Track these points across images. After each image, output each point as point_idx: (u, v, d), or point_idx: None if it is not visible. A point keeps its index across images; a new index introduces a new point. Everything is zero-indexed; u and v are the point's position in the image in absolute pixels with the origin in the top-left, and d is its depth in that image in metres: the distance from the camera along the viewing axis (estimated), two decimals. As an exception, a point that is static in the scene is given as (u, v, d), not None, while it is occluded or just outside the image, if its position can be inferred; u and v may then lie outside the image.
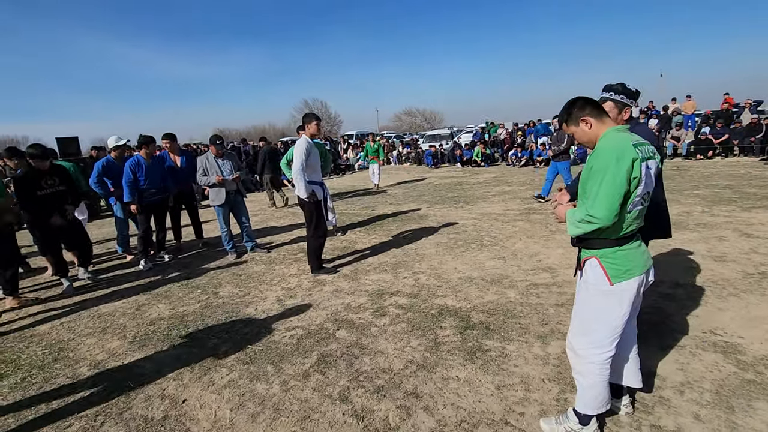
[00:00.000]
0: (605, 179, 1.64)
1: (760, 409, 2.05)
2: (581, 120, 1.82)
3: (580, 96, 1.89)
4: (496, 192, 9.28)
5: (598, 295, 1.81)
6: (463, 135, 21.19)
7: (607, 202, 1.63)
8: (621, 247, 1.76)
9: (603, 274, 1.78)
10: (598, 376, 1.85)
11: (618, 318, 1.80)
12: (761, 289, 3.36)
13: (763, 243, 4.42)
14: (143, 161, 5.17)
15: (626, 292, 1.77)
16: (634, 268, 1.76)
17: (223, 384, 2.62)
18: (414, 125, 62.21)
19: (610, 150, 1.66)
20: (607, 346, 1.84)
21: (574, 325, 1.96)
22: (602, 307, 1.82)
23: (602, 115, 1.82)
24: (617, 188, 1.62)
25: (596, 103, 1.85)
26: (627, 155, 1.63)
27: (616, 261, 1.76)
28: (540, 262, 4.42)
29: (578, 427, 1.93)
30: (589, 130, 1.81)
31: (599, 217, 1.65)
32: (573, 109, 1.86)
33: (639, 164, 1.64)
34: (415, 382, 2.49)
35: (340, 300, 3.81)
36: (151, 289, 4.49)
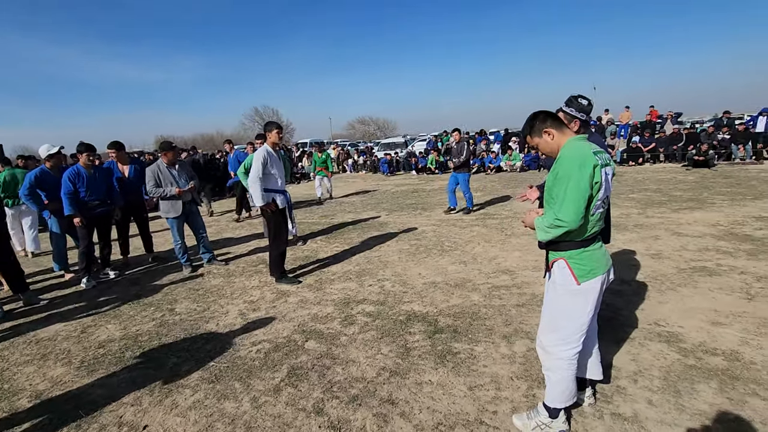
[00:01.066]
0: (570, 185, 1.76)
1: (702, 391, 2.27)
2: (544, 132, 1.95)
3: (540, 110, 2.02)
4: (451, 198, 9.54)
5: (566, 294, 1.93)
6: (416, 143, 21.64)
7: (574, 206, 1.75)
8: (586, 249, 1.89)
9: (570, 275, 1.90)
10: (567, 371, 1.97)
11: (585, 315, 1.93)
12: (693, 282, 3.72)
13: (692, 241, 4.90)
14: (84, 171, 4.79)
15: (591, 290, 1.90)
16: (597, 268, 1.90)
17: (188, 405, 2.48)
18: (367, 133, 62.60)
19: (572, 158, 1.79)
20: (574, 342, 1.96)
21: (543, 323, 2.06)
22: (570, 305, 1.93)
23: (563, 126, 1.95)
24: (582, 193, 1.75)
25: (556, 116, 1.99)
26: (588, 162, 1.77)
27: (582, 261, 1.89)
28: (499, 265, 4.61)
29: (548, 420, 2.03)
30: (552, 140, 1.94)
31: (567, 221, 1.77)
32: (535, 122, 1.98)
33: (599, 170, 1.78)
34: (390, 389, 2.50)
35: (306, 311, 3.74)
36: (96, 309, 4.15)
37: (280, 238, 4.47)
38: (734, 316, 3.07)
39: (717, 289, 3.55)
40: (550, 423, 2.03)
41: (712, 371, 2.43)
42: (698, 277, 3.83)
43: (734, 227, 5.35)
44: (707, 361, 2.53)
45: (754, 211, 6.13)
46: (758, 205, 6.45)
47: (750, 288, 3.51)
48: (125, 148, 5.79)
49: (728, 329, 2.88)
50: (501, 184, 11.46)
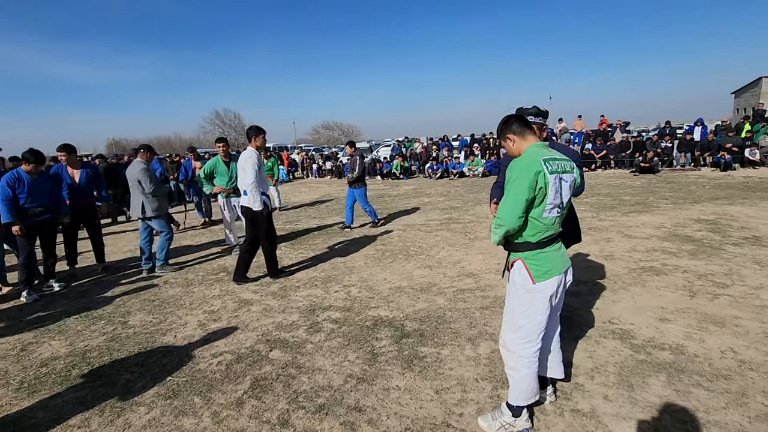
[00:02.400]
0: (512, 188, 1.88)
1: (653, 384, 2.40)
2: (506, 137, 2.03)
3: (511, 114, 2.09)
4: (416, 203, 9.66)
5: (524, 293, 2.00)
6: (381, 149, 21.74)
7: (511, 208, 1.88)
8: (542, 250, 1.97)
9: (527, 275, 1.97)
10: (528, 369, 2.02)
11: (541, 313, 2.00)
12: (642, 282, 3.95)
13: (640, 242, 5.22)
14: (25, 176, 4.45)
15: (547, 289, 1.97)
16: (553, 269, 1.97)
17: (143, 425, 2.34)
18: (332, 138, 62.33)
19: (519, 163, 1.90)
20: (534, 339, 2.02)
21: (504, 323, 2.12)
22: (528, 304, 2.00)
23: (525, 133, 2.01)
24: (520, 196, 1.85)
25: (522, 122, 2.04)
26: (532, 168, 1.85)
27: (538, 262, 1.97)
28: (463, 268, 4.70)
29: (512, 419, 2.08)
30: (513, 146, 2.02)
31: (504, 221, 1.90)
32: (502, 126, 2.07)
33: (544, 176, 1.85)
34: (357, 396, 2.47)
35: (270, 319, 3.65)
36: (39, 324, 3.84)
37: (272, 235, 4.71)
38: (679, 312, 3.28)
39: (663, 287, 3.78)
40: (513, 422, 2.08)
41: (661, 365, 2.58)
42: (647, 276, 4.08)
43: (677, 229, 5.74)
44: (656, 356, 2.69)
45: (694, 213, 6.62)
46: (697, 209, 6.97)
47: (692, 286, 3.77)
48: (76, 152, 5.46)
49: (674, 325, 3.08)
50: (464, 189, 11.72)
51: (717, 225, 5.82)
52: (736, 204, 7.18)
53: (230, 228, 6.05)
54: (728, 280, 3.83)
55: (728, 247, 4.81)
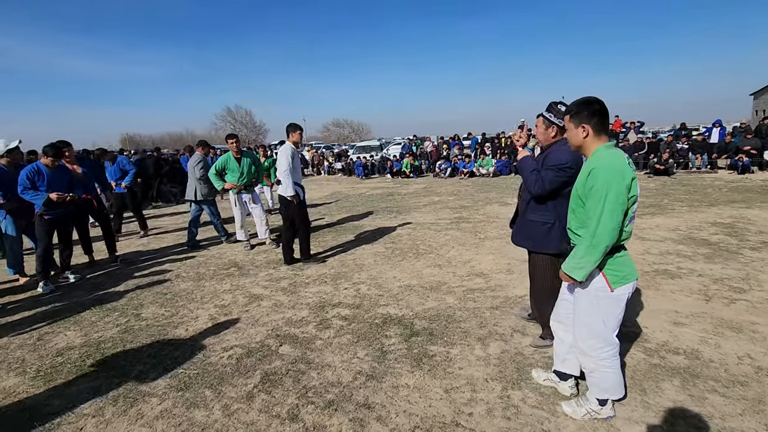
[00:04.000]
0: (607, 200, 1.77)
1: (666, 389, 2.36)
2: (583, 125, 1.93)
3: (600, 101, 1.94)
4: (426, 202, 9.64)
5: (600, 300, 1.98)
6: (391, 147, 21.73)
7: (612, 222, 1.78)
8: (618, 254, 1.94)
9: (604, 282, 1.95)
10: (609, 369, 2.05)
11: (616, 317, 2.01)
12: (656, 285, 3.89)
13: (654, 245, 5.13)
14: (45, 169, 4.54)
15: (623, 294, 1.96)
16: (629, 274, 1.95)
17: (155, 415, 2.37)
18: (342, 136, 62.45)
19: (611, 169, 1.79)
20: (611, 341, 2.04)
21: (578, 328, 2.11)
22: (604, 310, 1.99)
23: (602, 132, 1.93)
24: (621, 207, 1.77)
25: (604, 118, 1.93)
26: (627, 174, 1.78)
27: (615, 268, 1.94)
28: (473, 268, 4.67)
29: (598, 407, 2.12)
30: (583, 138, 1.95)
31: (602, 238, 1.79)
32: (585, 110, 1.93)
33: (635, 183, 1.81)
34: (366, 393, 2.48)
35: (280, 315, 3.67)
36: (55, 315, 3.92)
37: (307, 221, 5.16)
38: (694, 316, 3.22)
39: (678, 291, 3.72)
40: (599, 410, 2.12)
41: (675, 369, 2.54)
42: (660, 279, 4.01)
43: (692, 232, 5.64)
44: (670, 360, 2.64)
45: (710, 217, 6.49)
46: (713, 212, 6.84)
47: (707, 290, 3.70)
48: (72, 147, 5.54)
49: (688, 329, 3.03)
50: (474, 188, 11.66)
51: (734, 228, 5.70)
52: (754, 207, 7.02)
53: (241, 224, 6.04)
54: (745, 285, 3.75)
55: (746, 251, 4.71)
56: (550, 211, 2.67)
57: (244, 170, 5.90)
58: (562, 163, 2.54)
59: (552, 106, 2.67)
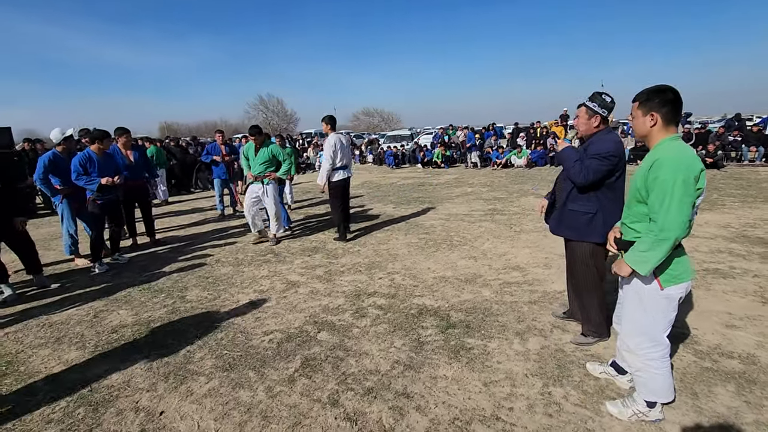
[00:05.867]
0: (675, 191, 1.68)
1: (720, 393, 2.26)
2: (652, 113, 1.85)
3: (675, 90, 1.85)
4: (459, 193, 9.52)
5: (650, 298, 1.92)
6: (422, 136, 21.52)
7: (682, 214, 1.70)
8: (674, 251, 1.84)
9: (654, 279, 1.88)
10: (658, 370, 1.99)
11: (668, 317, 1.94)
12: (706, 284, 3.70)
13: (703, 242, 4.87)
14: (95, 156, 4.79)
15: (676, 294, 1.89)
16: (683, 274, 1.87)
17: (203, 393, 2.49)
18: (372, 125, 62.32)
19: (679, 161, 1.71)
20: (661, 341, 1.97)
21: (627, 328, 2.06)
22: (654, 309, 1.93)
23: (671, 122, 1.84)
24: (690, 199, 1.70)
25: (677, 108, 1.84)
26: (696, 166, 1.70)
27: (668, 266, 1.86)
28: (509, 261, 4.59)
29: (646, 409, 2.05)
30: (650, 126, 1.86)
31: (672, 230, 1.71)
32: (656, 98, 1.85)
33: (703, 175, 1.72)
34: (404, 383, 2.50)
35: (316, 302, 3.75)
36: (107, 294, 4.16)
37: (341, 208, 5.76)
38: (749, 319, 3.05)
39: (731, 291, 3.53)
40: (647, 412, 2.05)
41: (729, 374, 2.42)
42: (711, 279, 3.81)
43: (746, 229, 5.31)
44: (723, 364, 2.52)
45: (766, 214, 6.09)
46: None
47: (764, 291, 3.49)
48: (130, 134, 5.82)
49: (743, 332, 2.87)
50: (508, 179, 11.40)
51: (793, 227, 5.33)
52: (816, 205, 6.53)
53: (251, 213, 5.72)
54: (807, 288, 3.51)
55: (807, 251, 4.40)
56: (593, 201, 2.64)
57: (258, 160, 5.61)
58: (606, 152, 2.53)
59: (596, 96, 2.63)
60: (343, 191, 5.78)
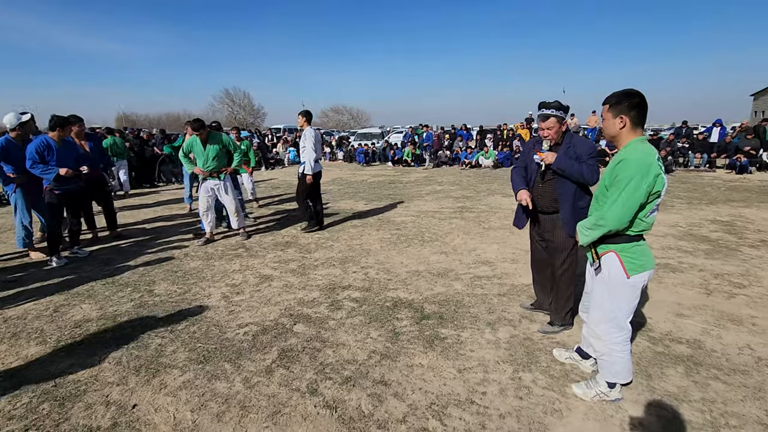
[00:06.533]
0: (626, 188, 1.85)
1: (671, 375, 2.47)
2: (621, 115, 1.98)
3: (640, 94, 1.98)
4: (428, 191, 9.69)
5: (616, 286, 2.07)
6: (393, 135, 21.66)
7: (622, 210, 1.87)
8: (638, 243, 2.02)
9: (621, 268, 2.03)
10: (620, 354, 2.16)
11: (631, 303, 2.10)
12: (658, 278, 3.99)
13: (655, 240, 5.24)
14: (54, 144, 4.53)
15: (639, 282, 2.05)
16: (646, 263, 2.03)
17: (178, 386, 2.44)
18: (341, 123, 61.99)
19: (637, 163, 1.86)
20: (625, 327, 2.14)
21: (595, 315, 2.21)
22: (620, 296, 2.09)
23: (638, 125, 1.99)
24: (637, 200, 1.85)
25: (643, 112, 1.98)
26: (652, 171, 1.84)
27: (633, 255, 2.02)
28: (479, 256, 4.76)
29: (607, 389, 2.22)
30: (620, 128, 2.00)
31: (609, 221, 1.90)
32: (625, 101, 1.98)
33: (661, 179, 1.87)
34: (382, 371, 2.56)
35: (291, 295, 3.74)
36: (67, 288, 3.96)
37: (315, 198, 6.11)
38: (696, 308, 3.33)
39: (680, 284, 3.83)
40: (608, 392, 2.22)
41: (679, 358, 2.65)
42: (663, 273, 4.12)
43: (692, 229, 5.75)
44: (674, 349, 2.75)
45: (709, 214, 6.61)
46: (712, 210, 6.96)
47: (708, 284, 3.81)
48: (84, 123, 5.53)
49: (691, 320, 3.14)
50: (476, 179, 11.71)
51: (733, 227, 5.82)
52: (752, 207, 7.15)
53: (204, 213, 5.44)
54: (745, 281, 3.86)
55: (744, 248, 4.83)
56: (589, 197, 2.83)
57: (209, 155, 5.27)
58: (595, 149, 2.79)
59: (557, 104, 2.80)
60: (315, 183, 5.99)
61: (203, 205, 5.41)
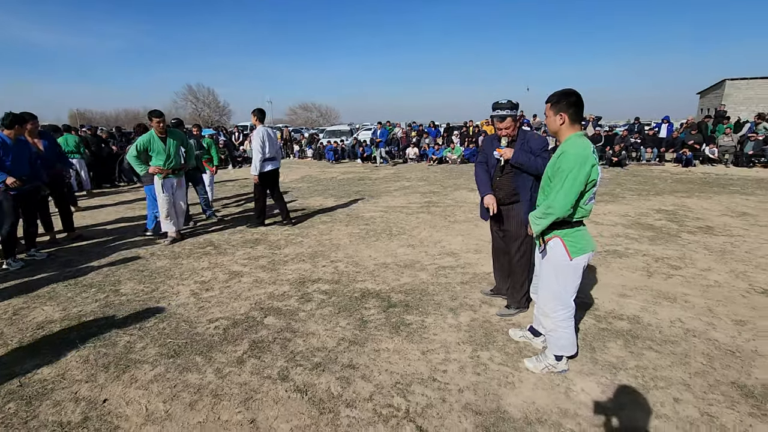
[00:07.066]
0: (567, 179, 2.07)
1: (611, 347, 2.74)
2: (561, 113, 2.20)
3: (577, 93, 2.20)
4: (397, 187, 9.87)
5: (561, 268, 2.30)
6: (362, 132, 21.72)
7: (566, 198, 2.09)
8: (578, 228, 2.25)
9: (564, 251, 2.26)
10: (565, 330, 2.38)
11: (574, 283, 2.33)
12: (606, 263, 4.32)
13: (606, 229, 5.63)
14: (9, 142, 4.37)
15: (581, 263, 2.28)
16: (587, 246, 2.27)
17: (149, 379, 2.49)
18: (309, 120, 61.37)
19: (575, 155, 2.09)
20: (569, 305, 2.37)
21: (544, 295, 2.44)
22: (564, 276, 2.31)
23: (576, 121, 2.21)
24: (577, 188, 2.07)
25: (580, 109, 2.20)
26: (588, 161, 2.07)
27: (575, 240, 2.24)
28: (444, 248, 4.97)
29: (554, 362, 2.44)
30: (560, 125, 2.22)
31: (556, 209, 2.12)
32: (564, 100, 2.19)
33: (596, 169, 2.10)
34: (350, 356, 2.70)
35: (261, 290, 3.81)
36: (27, 291, 3.86)
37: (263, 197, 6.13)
38: (637, 289, 3.66)
39: (625, 268, 4.17)
40: (555, 365, 2.45)
41: (619, 332, 2.93)
42: (611, 258, 4.46)
43: (640, 218, 6.21)
44: (615, 325, 3.03)
45: (656, 204, 7.13)
46: (659, 200, 7.50)
47: (650, 267, 4.17)
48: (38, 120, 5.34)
49: (632, 300, 3.45)
50: (443, 175, 12.00)
51: (675, 215, 6.32)
52: (693, 197, 7.76)
53: (167, 213, 5.29)
54: (681, 263, 4.25)
55: (684, 234, 5.28)
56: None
57: (170, 152, 5.18)
58: (547, 144, 3.02)
59: (511, 103, 2.98)
60: (272, 182, 6.08)
61: (166, 205, 5.29)
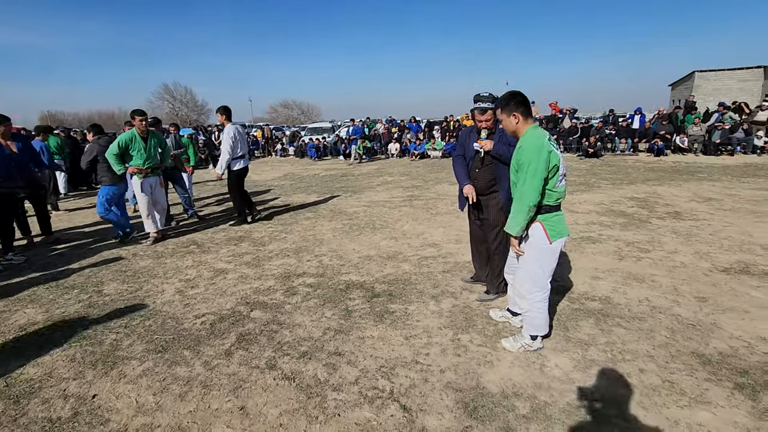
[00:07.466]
0: (529, 171, 2.22)
1: (583, 326, 2.90)
2: (513, 114, 2.34)
3: (522, 93, 2.36)
4: (379, 182, 9.96)
5: (540, 251, 2.43)
6: (343, 129, 21.68)
7: (533, 187, 2.23)
8: (557, 213, 2.40)
9: (544, 235, 2.39)
10: (540, 311, 2.52)
11: (551, 265, 2.47)
12: (581, 249, 4.51)
13: (581, 216, 5.84)
14: (-18, 145, 4.29)
15: (558, 247, 2.43)
16: (563, 230, 2.42)
17: (138, 374, 2.53)
18: (291, 118, 60.83)
19: (531, 147, 2.24)
20: (545, 286, 2.51)
21: (520, 275, 2.58)
22: (543, 259, 2.45)
23: (527, 116, 2.35)
24: (540, 175, 2.21)
25: (528, 105, 2.36)
26: (544, 149, 2.22)
27: (554, 224, 2.39)
28: (426, 239, 5.09)
29: (530, 342, 2.58)
30: (515, 124, 2.37)
31: (529, 200, 2.26)
32: (512, 101, 2.35)
33: (555, 155, 2.24)
34: (336, 344, 2.79)
35: (247, 285, 3.85)
36: (6, 294, 3.81)
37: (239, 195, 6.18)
38: (609, 272, 3.84)
39: (598, 253, 4.36)
40: (531, 344, 2.58)
41: (591, 312, 3.09)
42: (585, 244, 4.65)
43: (613, 206, 6.45)
44: (587, 305, 3.20)
45: (629, 193, 7.41)
46: (632, 188, 7.79)
47: (621, 251, 4.37)
48: (10, 122, 5.23)
49: (604, 282, 3.63)
50: (425, 169, 12.14)
51: (646, 202, 6.59)
52: (664, 185, 8.08)
53: (148, 212, 5.28)
54: (650, 247, 4.47)
55: (653, 220, 5.53)
56: None
57: (151, 151, 5.20)
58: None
59: (492, 97, 3.08)
60: (242, 180, 6.15)
61: (147, 205, 5.26)
